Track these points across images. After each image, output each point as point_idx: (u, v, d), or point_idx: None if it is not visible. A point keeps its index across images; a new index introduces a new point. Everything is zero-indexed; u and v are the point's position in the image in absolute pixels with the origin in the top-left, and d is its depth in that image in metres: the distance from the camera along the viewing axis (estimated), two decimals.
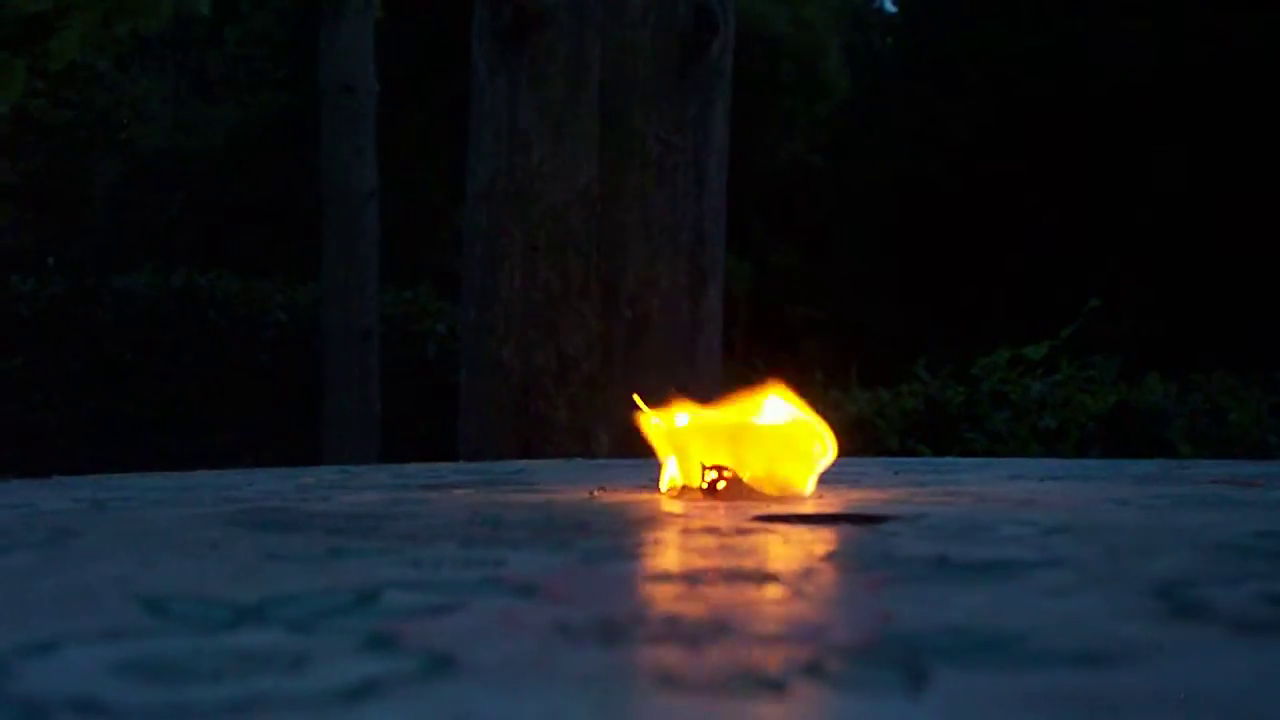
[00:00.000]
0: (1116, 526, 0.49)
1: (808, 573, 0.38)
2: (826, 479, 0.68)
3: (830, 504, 0.58)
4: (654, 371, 1.52)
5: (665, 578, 0.37)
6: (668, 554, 0.43)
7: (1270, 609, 0.31)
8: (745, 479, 0.61)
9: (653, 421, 0.64)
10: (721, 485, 0.61)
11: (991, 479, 0.75)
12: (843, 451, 0.65)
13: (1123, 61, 6.69)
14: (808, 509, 0.55)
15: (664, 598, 0.33)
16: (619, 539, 0.46)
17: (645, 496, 0.63)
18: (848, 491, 0.64)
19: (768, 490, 0.61)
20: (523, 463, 1.02)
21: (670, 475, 0.63)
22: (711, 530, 0.48)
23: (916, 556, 0.40)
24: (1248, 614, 0.30)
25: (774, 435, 0.62)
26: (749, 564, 0.39)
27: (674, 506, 0.57)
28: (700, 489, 0.61)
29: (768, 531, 0.47)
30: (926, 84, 7.50)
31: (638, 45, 1.74)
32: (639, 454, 1.07)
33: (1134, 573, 0.37)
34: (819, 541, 0.45)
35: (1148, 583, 0.35)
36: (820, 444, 0.62)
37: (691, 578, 0.36)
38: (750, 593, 0.34)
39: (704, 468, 0.61)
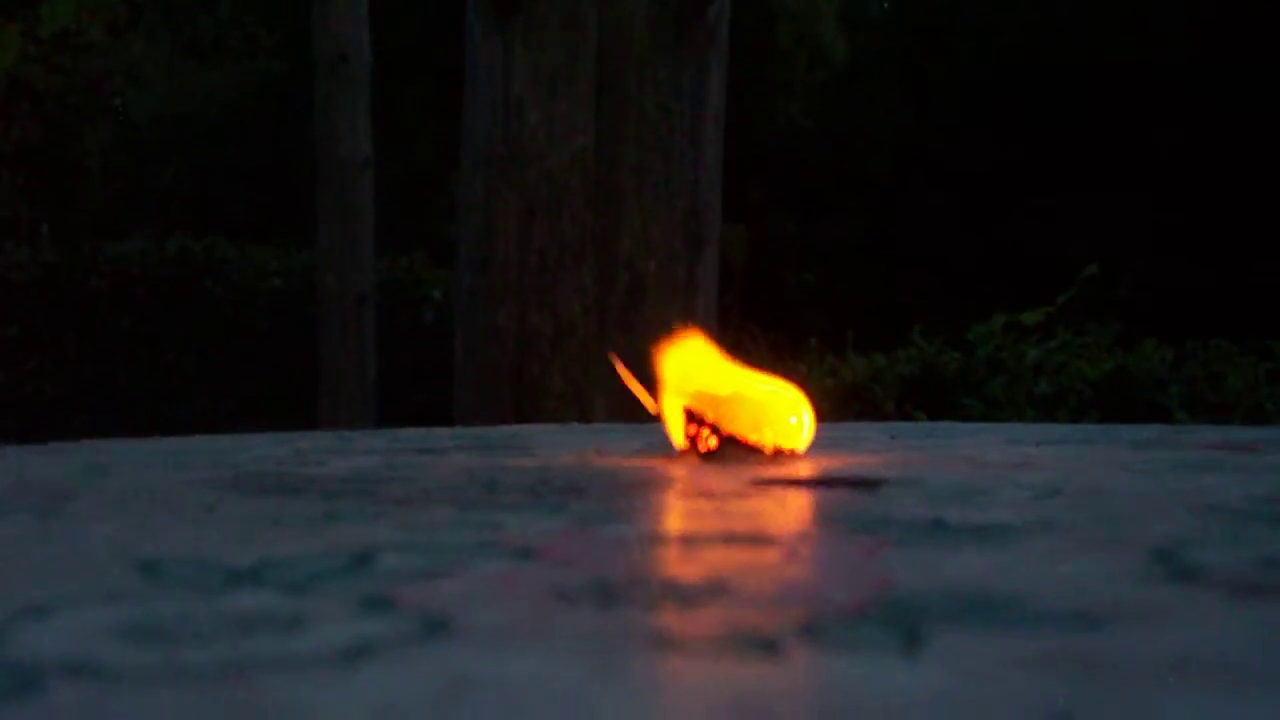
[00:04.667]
0: (1113, 491, 0.49)
1: (804, 536, 0.38)
2: (823, 443, 0.68)
3: (827, 468, 0.58)
4: (650, 336, 1.51)
5: (662, 540, 0.37)
6: (664, 517, 0.43)
7: (1267, 572, 0.31)
8: (738, 437, 0.61)
9: (659, 384, 0.64)
10: (714, 442, 0.61)
11: (988, 444, 0.75)
12: (839, 417, 0.65)
13: (1121, 29, 6.67)
14: (804, 473, 0.55)
15: (660, 560, 0.33)
16: (615, 502, 0.46)
17: (641, 460, 0.63)
18: (844, 456, 0.64)
19: (763, 448, 0.61)
20: (519, 428, 1.02)
21: (676, 437, 0.63)
22: (707, 493, 0.48)
23: (913, 520, 0.40)
24: (1244, 577, 0.31)
25: (758, 402, 0.62)
26: (745, 527, 0.39)
27: (670, 469, 0.57)
28: (698, 451, 0.62)
29: (764, 494, 0.47)
30: (923, 50, 7.47)
31: (634, 10, 1.73)
32: (636, 418, 1.07)
33: (1131, 536, 0.37)
34: (815, 505, 0.45)
35: (1144, 546, 0.35)
36: (801, 412, 0.62)
37: (688, 540, 0.36)
38: (746, 555, 0.34)
39: (696, 425, 0.62)
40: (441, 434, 0.92)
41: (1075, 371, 2.49)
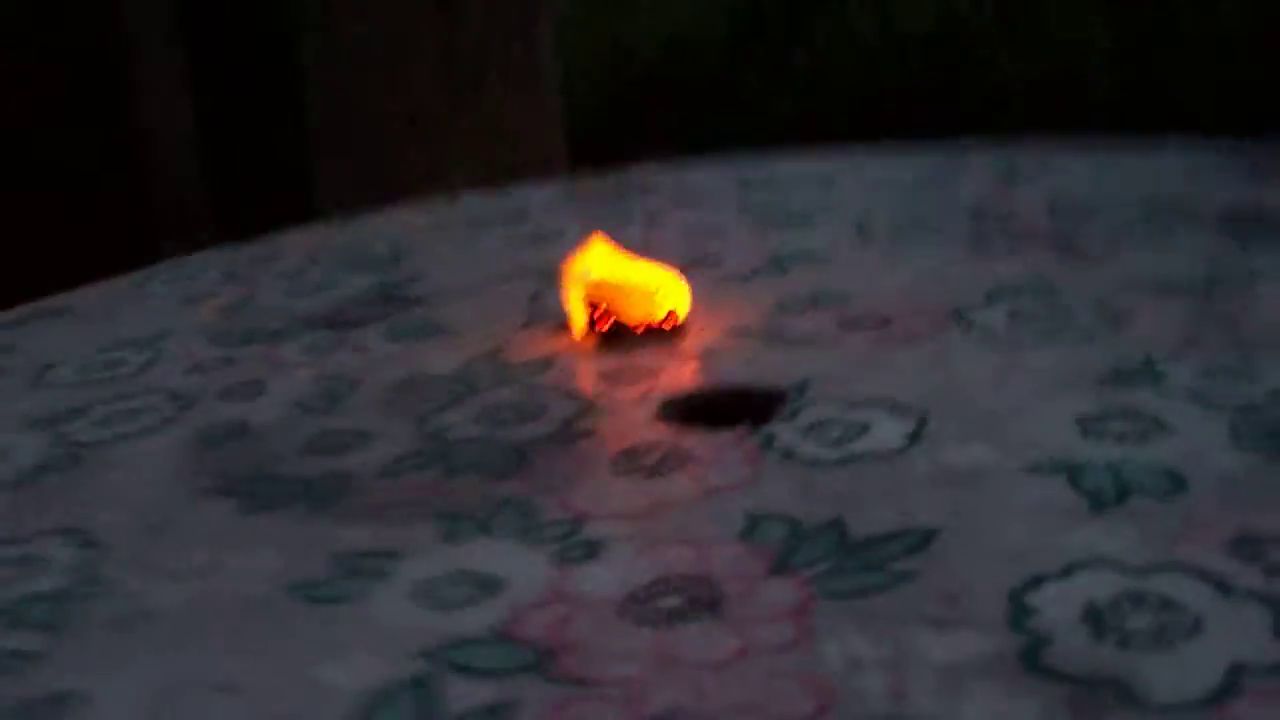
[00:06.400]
0: None
1: None
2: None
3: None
4: (497, 116, 1.52)
5: None
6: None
7: None
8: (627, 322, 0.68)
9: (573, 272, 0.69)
10: (606, 326, 0.67)
11: None
12: None
13: None
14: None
15: None
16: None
17: (546, 348, 0.68)
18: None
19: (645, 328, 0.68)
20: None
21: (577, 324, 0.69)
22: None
23: None
24: None
25: (642, 290, 0.68)
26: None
27: (566, 353, 0.64)
28: (597, 332, 0.68)
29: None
30: None
31: None
32: (495, 188, 1.09)
33: None
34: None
35: None
36: (679, 296, 0.68)
37: None
38: None
39: (594, 311, 0.68)
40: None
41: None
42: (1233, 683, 0.34)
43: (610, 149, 1.61)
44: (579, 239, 0.71)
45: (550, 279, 0.81)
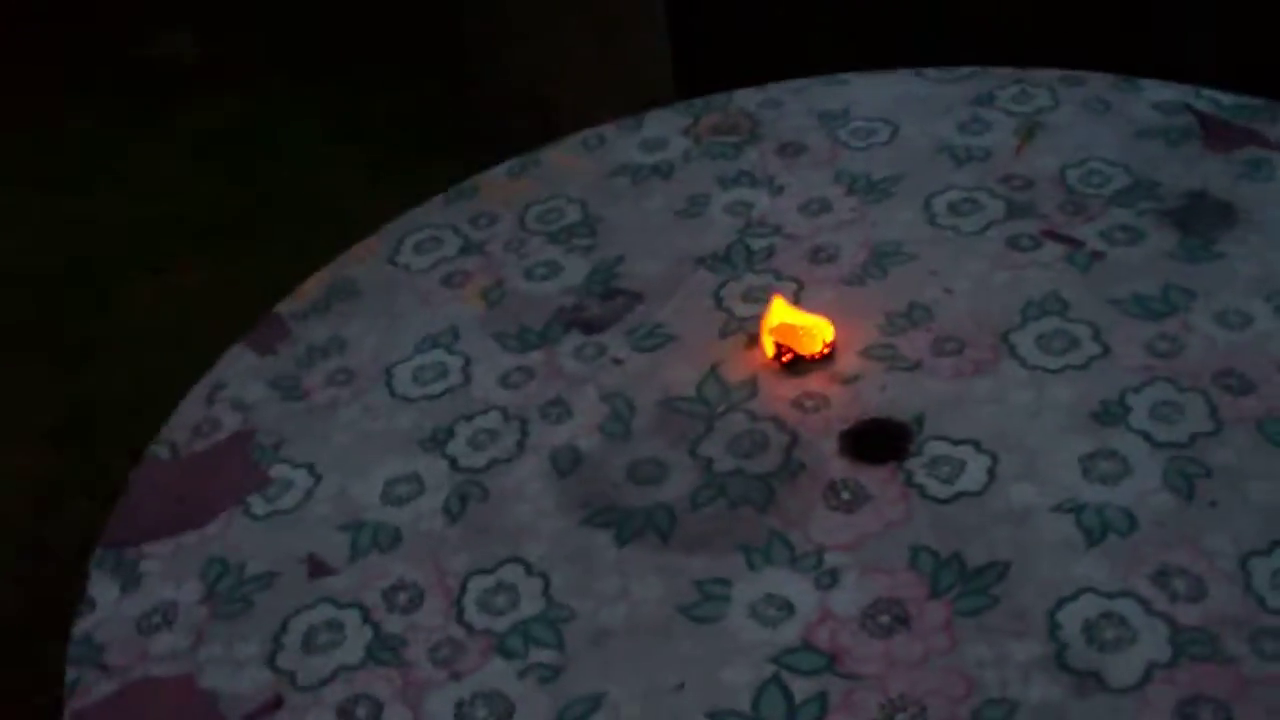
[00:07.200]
0: None
1: None
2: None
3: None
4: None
5: None
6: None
7: None
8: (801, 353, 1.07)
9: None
10: (788, 357, 1.07)
11: None
12: None
13: None
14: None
15: None
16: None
17: (746, 371, 1.08)
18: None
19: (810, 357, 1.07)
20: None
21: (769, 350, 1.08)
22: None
23: None
24: None
25: (806, 329, 1.07)
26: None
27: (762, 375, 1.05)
28: (782, 361, 1.07)
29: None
30: None
31: None
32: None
33: None
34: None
35: None
36: (828, 333, 1.07)
37: None
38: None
39: (780, 346, 1.07)
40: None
41: None
42: (1148, 674, 0.79)
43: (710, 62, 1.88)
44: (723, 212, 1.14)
45: (718, 269, 1.19)
